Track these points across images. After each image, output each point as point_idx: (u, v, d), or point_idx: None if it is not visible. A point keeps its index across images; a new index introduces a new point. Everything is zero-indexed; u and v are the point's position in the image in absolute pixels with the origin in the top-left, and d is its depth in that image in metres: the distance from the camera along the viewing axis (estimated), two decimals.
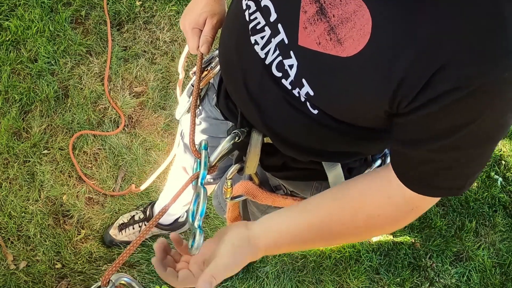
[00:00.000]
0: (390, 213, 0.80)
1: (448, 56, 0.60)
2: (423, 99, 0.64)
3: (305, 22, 0.71)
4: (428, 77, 0.62)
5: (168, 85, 2.27)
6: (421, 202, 0.78)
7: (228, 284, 2.00)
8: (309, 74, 0.74)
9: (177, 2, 2.39)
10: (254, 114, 0.90)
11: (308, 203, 0.86)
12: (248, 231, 0.82)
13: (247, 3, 0.81)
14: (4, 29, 2.20)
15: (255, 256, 0.82)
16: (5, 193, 1.98)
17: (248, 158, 0.98)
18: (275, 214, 0.86)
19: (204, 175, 0.86)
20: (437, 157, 0.71)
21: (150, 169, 2.11)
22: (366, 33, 0.65)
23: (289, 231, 0.82)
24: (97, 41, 2.27)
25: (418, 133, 0.70)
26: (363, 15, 0.65)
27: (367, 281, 2.11)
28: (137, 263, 1.98)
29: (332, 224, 0.82)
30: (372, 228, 0.83)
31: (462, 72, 0.60)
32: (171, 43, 2.34)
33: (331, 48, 0.69)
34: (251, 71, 0.84)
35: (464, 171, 0.73)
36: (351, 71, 0.69)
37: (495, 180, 2.39)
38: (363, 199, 0.81)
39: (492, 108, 0.64)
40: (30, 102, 2.12)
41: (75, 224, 1.99)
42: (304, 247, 0.87)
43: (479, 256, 2.23)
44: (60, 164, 2.06)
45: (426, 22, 0.61)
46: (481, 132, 0.67)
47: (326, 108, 0.76)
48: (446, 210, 2.31)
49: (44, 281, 1.88)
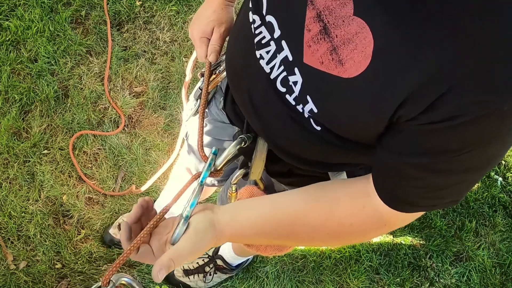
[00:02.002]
0: (362, 224, 0.79)
1: (450, 84, 0.59)
2: (421, 121, 0.63)
3: (309, 41, 0.70)
4: (430, 102, 0.61)
5: (168, 85, 2.27)
6: (393, 219, 0.77)
7: (228, 284, 2.00)
8: (313, 92, 0.73)
9: (177, 2, 2.39)
10: (257, 125, 0.90)
11: (282, 198, 0.85)
12: (214, 215, 0.80)
13: (252, 17, 0.80)
14: (4, 29, 2.20)
15: (219, 242, 0.80)
16: (5, 193, 1.98)
17: (254, 164, 0.98)
18: (245, 203, 0.85)
19: (206, 175, 0.86)
20: (417, 174, 0.69)
21: (150, 169, 2.11)
22: (368, 56, 0.64)
23: (256, 224, 0.81)
24: (97, 41, 2.27)
25: (405, 145, 0.68)
26: (365, 37, 0.64)
27: (367, 281, 2.11)
28: (137, 263, 1.98)
29: (302, 225, 0.80)
30: (341, 236, 0.82)
31: (464, 100, 0.59)
32: (171, 43, 2.34)
33: (333, 68, 0.68)
34: (256, 84, 0.84)
35: (440, 194, 0.72)
36: (352, 92, 0.68)
37: (495, 180, 2.39)
38: (337, 206, 0.80)
39: (486, 138, 0.63)
40: (30, 102, 2.12)
41: (75, 224, 1.98)
42: (271, 242, 0.86)
43: (479, 256, 2.23)
44: (60, 164, 2.06)
45: (431, 48, 0.59)
46: (467, 162, 0.66)
47: (329, 126, 0.76)
48: (446, 210, 2.31)
49: (44, 281, 1.88)
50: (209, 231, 0.78)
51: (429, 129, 0.63)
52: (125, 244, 0.80)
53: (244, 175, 1.04)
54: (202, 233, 0.77)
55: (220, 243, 0.80)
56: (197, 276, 1.93)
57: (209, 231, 0.78)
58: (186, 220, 0.78)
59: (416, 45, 0.60)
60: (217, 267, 1.93)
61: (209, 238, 0.78)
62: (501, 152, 0.68)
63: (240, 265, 1.97)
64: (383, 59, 0.63)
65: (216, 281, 1.97)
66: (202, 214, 0.80)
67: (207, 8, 1.10)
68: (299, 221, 0.80)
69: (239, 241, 0.83)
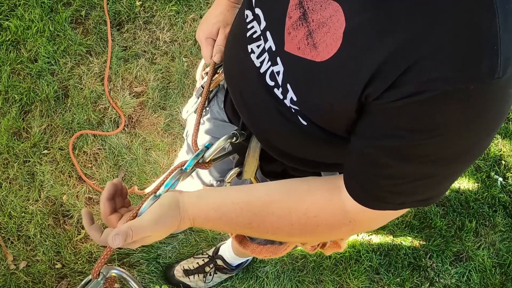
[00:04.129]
0: (327, 217, 0.78)
1: (415, 59, 0.59)
2: (387, 99, 0.62)
3: (289, 28, 0.71)
4: (394, 79, 0.61)
5: (168, 85, 2.27)
6: (359, 216, 0.75)
7: (228, 284, 2.00)
8: (292, 79, 0.74)
9: (177, 2, 2.39)
10: (248, 121, 0.90)
11: (252, 187, 0.85)
12: (180, 195, 0.81)
13: (246, 13, 0.82)
14: (4, 29, 2.20)
15: (183, 222, 0.79)
16: (5, 193, 1.98)
17: (247, 162, 0.98)
18: (214, 189, 0.85)
19: (191, 163, 0.87)
20: (387, 161, 0.67)
21: (150, 169, 2.11)
22: (339, 38, 0.65)
23: (220, 207, 0.80)
24: (97, 41, 2.27)
25: (375, 128, 0.67)
26: (338, 20, 0.65)
27: (367, 281, 2.11)
28: (137, 263, 1.98)
29: (266, 213, 0.80)
30: (307, 228, 0.80)
31: (427, 76, 0.58)
32: (171, 43, 2.34)
33: (308, 52, 0.69)
34: (248, 79, 0.84)
35: (409, 188, 0.70)
36: (325, 75, 0.68)
37: (495, 180, 2.39)
38: (305, 197, 0.79)
39: (454, 122, 0.61)
40: (30, 102, 2.12)
41: (75, 224, 1.98)
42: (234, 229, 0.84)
43: (479, 256, 2.23)
44: (60, 164, 2.06)
45: (398, 28, 0.60)
46: (437, 149, 0.64)
47: (310, 115, 0.76)
48: (446, 210, 2.31)
49: (44, 281, 1.88)
50: (172, 207, 0.78)
51: (396, 106, 0.62)
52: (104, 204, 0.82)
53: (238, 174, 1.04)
54: (165, 208, 0.78)
55: (184, 224, 0.80)
56: (197, 276, 1.93)
57: (173, 208, 0.78)
58: (155, 197, 0.79)
59: (383, 23, 0.61)
60: (217, 267, 1.93)
61: (171, 214, 0.78)
62: (475, 148, 0.66)
63: (240, 265, 1.98)
64: (352, 39, 0.64)
65: (216, 281, 1.97)
66: (170, 193, 0.81)
67: (214, 10, 1.11)
68: (263, 208, 0.80)
69: (203, 225, 0.82)
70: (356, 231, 0.78)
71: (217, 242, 2.05)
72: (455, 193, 2.35)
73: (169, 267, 1.97)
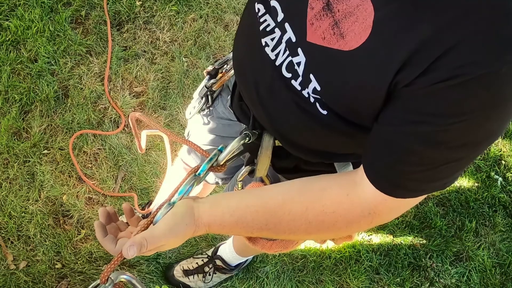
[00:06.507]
0: (345, 212, 0.77)
1: (450, 45, 0.60)
2: (418, 85, 0.63)
3: (312, 18, 0.72)
4: (426, 65, 0.62)
5: (168, 85, 2.27)
6: (379, 207, 0.75)
7: (228, 284, 2.00)
8: (316, 69, 0.74)
9: (177, 2, 2.39)
10: (264, 117, 0.90)
11: (266, 188, 0.85)
12: (194, 202, 0.80)
13: (257, 7, 0.82)
14: (4, 29, 2.20)
15: (197, 229, 0.79)
16: (5, 193, 1.98)
17: (259, 161, 0.98)
18: (227, 194, 0.85)
19: (205, 167, 0.86)
20: (414, 147, 0.68)
21: (150, 169, 2.11)
22: (368, 27, 0.66)
23: (235, 211, 0.80)
24: (97, 41, 2.27)
25: (403, 114, 0.67)
26: (366, 9, 0.66)
27: (367, 281, 2.11)
28: (137, 263, 1.98)
29: (282, 213, 0.79)
30: (325, 225, 0.79)
31: (461, 61, 0.60)
32: (171, 43, 2.34)
33: (334, 42, 0.70)
34: (262, 73, 0.85)
35: (432, 174, 0.70)
36: (353, 64, 0.69)
37: (495, 180, 2.39)
38: (321, 194, 0.78)
39: (483, 105, 0.63)
40: (30, 102, 2.12)
41: (75, 224, 1.98)
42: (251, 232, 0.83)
43: (479, 256, 2.23)
44: (60, 164, 2.06)
45: (428, 15, 0.61)
46: (466, 133, 0.65)
47: (333, 104, 0.76)
48: (446, 210, 2.31)
49: (44, 281, 1.88)
50: (186, 215, 0.78)
51: (426, 92, 0.63)
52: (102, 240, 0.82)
53: (250, 172, 1.04)
54: (179, 217, 0.78)
55: (199, 231, 0.80)
56: (196, 276, 1.93)
57: (187, 216, 0.78)
58: (170, 205, 0.79)
59: (413, 11, 0.62)
60: (216, 267, 1.93)
61: (186, 222, 0.78)
62: (499, 130, 0.67)
63: (239, 265, 1.98)
64: (382, 28, 0.65)
65: (216, 281, 1.97)
66: (184, 201, 0.81)
67: None
68: (279, 209, 0.79)
69: (219, 231, 0.81)
70: (375, 223, 0.77)
71: (217, 242, 2.05)
72: (455, 193, 2.35)
73: (169, 267, 1.97)
